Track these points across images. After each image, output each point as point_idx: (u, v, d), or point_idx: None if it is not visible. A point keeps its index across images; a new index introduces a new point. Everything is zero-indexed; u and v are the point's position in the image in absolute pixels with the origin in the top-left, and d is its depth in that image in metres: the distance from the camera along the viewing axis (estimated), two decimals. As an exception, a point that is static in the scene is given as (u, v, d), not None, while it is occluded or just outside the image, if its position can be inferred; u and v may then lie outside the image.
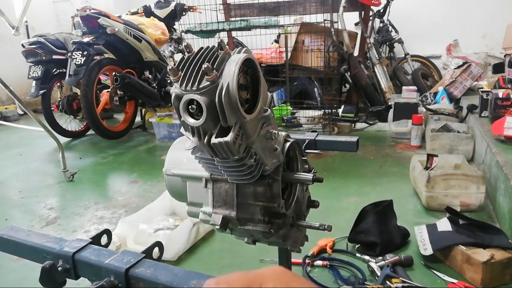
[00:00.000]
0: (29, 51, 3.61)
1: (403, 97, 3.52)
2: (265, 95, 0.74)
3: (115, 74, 3.40)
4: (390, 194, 2.05)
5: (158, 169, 2.30)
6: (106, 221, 2.07)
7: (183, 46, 0.67)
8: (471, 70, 3.81)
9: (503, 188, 1.79)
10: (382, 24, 4.96)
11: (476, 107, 3.05)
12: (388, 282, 1.36)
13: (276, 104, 4.22)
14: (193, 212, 0.94)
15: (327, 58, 3.78)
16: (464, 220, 1.60)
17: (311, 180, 0.87)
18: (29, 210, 2.29)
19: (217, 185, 0.86)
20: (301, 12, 3.99)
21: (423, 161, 2.16)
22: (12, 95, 2.58)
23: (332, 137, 1.48)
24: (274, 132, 0.78)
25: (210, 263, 1.61)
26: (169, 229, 1.77)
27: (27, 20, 5.86)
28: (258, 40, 3.88)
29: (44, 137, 3.18)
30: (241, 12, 4.19)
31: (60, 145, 2.70)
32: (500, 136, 2.23)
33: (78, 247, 0.88)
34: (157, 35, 3.90)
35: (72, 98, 3.75)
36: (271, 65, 4.31)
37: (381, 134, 3.58)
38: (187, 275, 0.76)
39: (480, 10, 5.22)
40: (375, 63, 4.08)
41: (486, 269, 1.34)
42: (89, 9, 3.43)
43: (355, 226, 1.68)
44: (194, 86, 0.62)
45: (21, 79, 4.58)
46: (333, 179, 2.46)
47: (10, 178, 2.91)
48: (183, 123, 0.67)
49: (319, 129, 3.58)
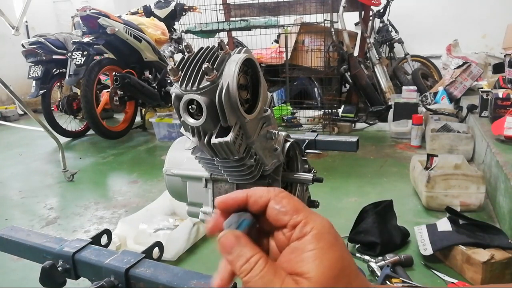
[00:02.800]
0: (29, 51, 3.61)
1: (403, 97, 3.51)
2: (265, 95, 0.74)
3: (115, 74, 3.39)
4: (390, 194, 2.05)
5: (158, 169, 2.30)
6: (106, 221, 2.06)
7: (183, 46, 0.67)
8: (471, 70, 3.81)
9: (503, 188, 1.79)
10: (382, 24, 4.96)
11: (476, 107, 3.05)
12: (388, 282, 1.36)
13: (276, 104, 4.22)
14: (193, 212, 0.94)
15: (327, 58, 3.78)
16: (464, 220, 1.60)
17: (311, 180, 0.87)
18: (29, 210, 2.29)
19: (217, 185, 0.86)
20: (301, 12, 3.99)
21: (423, 161, 2.16)
22: (12, 95, 2.58)
23: (332, 137, 1.48)
24: (274, 132, 0.78)
25: (210, 263, 1.61)
26: (169, 229, 1.77)
27: (27, 20, 5.87)
28: (258, 40, 3.88)
29: (44, 137, 3.18)
30: (241, 12, 4.19)
31: (60, 145, 2.69)
32: (500, 136, 2.23)
33: (78, 247, 0.88)
34: (157, 35, 3.90)
35: (72, 98, 3.75)
36: (271, 65, 4.31)
37: (381, 134, 3.58)
38: (187, 275, 0.76)
39: (480, 10, 5.22)
40: (375, 63, 4.08)
41: (486, 269, 1.34)
42: (89, 9, 3.43)
43: (355, 226, 1.68)
44: (194, 86, 0.62)
45: (21, 79, 4.59)
46: (333, 179, 2.46)
47: (10, 178, 2.91)
48: (183, 123, 0.67)
49: (319, 129, 3.57)
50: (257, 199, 0.39)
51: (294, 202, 0.39)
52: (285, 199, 0.39)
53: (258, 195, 0.40)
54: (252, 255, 0.36)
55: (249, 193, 0.40)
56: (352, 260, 0.37)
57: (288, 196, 0.40)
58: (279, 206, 0.38)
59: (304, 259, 0.35)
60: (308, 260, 0.35)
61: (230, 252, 0.37)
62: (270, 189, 0.40)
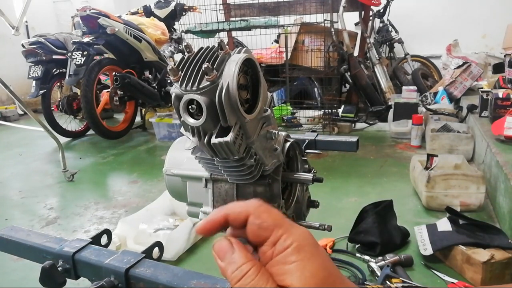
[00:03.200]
0: (29, 51, 3.61)
1: (403, 97, 3.51)
2: (265, 95, 0.74)
3: (115, 74, 3.40)
4: (390, 194, 2.05)
5: (158, 169, 2.30)
6: (106, 221, 2.07)
7: (183, 46, 0.67)
8: (471, 70, 3.81)
9: (503, 188, 1.79)
10: (382, 24, 4.96)
11: (476, 107, 3.05)
12: (388, 282, 1.36)
13: (276, 104, 4.22)
14: (193, 212, 0.94)
15: (327, 58, 3.78)
16: (464, 220, 1.60)
17: (311, 180, 0.86)
18: (29, 210, 2.29)
19: (217, 185, 0.86)
20: (301, 12, 3.99)
21: (423, 161, 2.16)
22: (12, 95, 2.58)
23: (332, 137, 1.48)
24: (274, 132, 0.78)
25: (210, 263, 1.61)
26: (169, 229, 1.77)
27: (27, 20, 5.87)
28: (258, 40, 3.88)
29: (44, 137, 3.18)
30: (241, 12, 4.19)
31: (60, 145, 2.70)
32: (500, 136, 2.23)
33: (78, 247, 0.88)
34: (157, 35, 3.90)
35: (72, 98, 3.75)
36: (271, 65, 4.31)
37: (381, 134, 3.58)
38: (187, 275, 0.76)
39: (480, 10, 5.22)
40: (375, 63, 4.08)
41: (486, 269, 1.34)
42: (89, 9, 3.43)
43: (355, 226, 1.68)
44: (194, 86, 0.62)
45: (21, 79, 4.59)
46: (333, 179, 2.46)
47: (10, 178, 2.91)
48: (183, 123, 0.67)
49: (319, 129, 3.58)
50: (237, 216, 0.39)
51: (274, 216, 0.38)
52: (265, 213, 0.38)
53: (236, 211, 0.39)
54: (243, 262, 0.36)
55: (226, 212, 0.39)
56: (335, 267, 0.37)
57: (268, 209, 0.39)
58: (259, 221, 0.38)
59: (287, 272, 0.35)
60: (290, 272, 0.35)
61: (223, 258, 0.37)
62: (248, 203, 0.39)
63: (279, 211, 0.40)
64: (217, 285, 0.73)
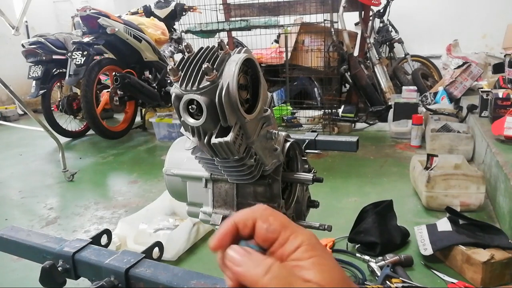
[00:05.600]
0: (29, 51, 3.61)
1: (403, 97, 3.52)
2: (265, 95, 0.74)
3: (115, 74, 3.39)
4: (390, 194, 2.05)
5: (158, 169, 2.30)
6: (106, 221, 2.06)
7: (183, 46, 0.67)
8: (471, 70, 3.80)
9: (503, 188, 1.79)
10: (382, 24, 4.96)
11: (476, 107, 3.05)
12: (388, 282, 1.36)
13: (276, 104, 4.22)
14: (193, 212, 0.94)
15: (327, 58, 3.78)
16: (464, 220, 1.60)
17: (311, 180, 0.87)
18: (29, 210, 2.29)
19: (217, 185, 0.86)
20: (301, 12, 3.99)
21: (423, 161, 2.16)
22: (12, 95, 2.58)
23: (332, 137, 1.48)
24: (274, 132, 0.78)
25: (210, 263, 1.61)
26: (169, 229, 1.77)
27: (27, 20, 5.86)
28: (258, 40, 3.88)
29: (44, 137, 3.18)
30: (241, 12, 4.18)
31: (60, 145, 2.69)
32: (500, 136, 2.23)
33: (78, 247, 0.88)
34: (157, 35, 3.90)
35: (72, 98, 3.75)
36: (271, 65, 4.31)
37: (381, 134, 3.58)
38: (187, 275, 0.76)
39: (480, 10, 5.22)
40: (375, 63, 4.08)
41: (486, 269, 1.34)
42: (89, 9, 3.43)
43: (355, 226, 1.68)
44: (194, 86, 0.62)
45: (21, 79, 4.58)
46: (333, 179, 2.46)
47: (10, 178, 2.91)
48: (183, 123, 0.67)
49: (319, 129, 3.57)
50: (245, 223, 0.39)
51: (280, 218, 0.39)
52: (271, 217, 0.39)
53: (244, 219, 0.40)
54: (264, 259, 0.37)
55: (235, 221, 0.40)
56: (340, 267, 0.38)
57: (273, 213, 0.40)
58: (267, 225, 0.39)
59: (304, 267, 0.36)
60: (307, 267, 0.36)
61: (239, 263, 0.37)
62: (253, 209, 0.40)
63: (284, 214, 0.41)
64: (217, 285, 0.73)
